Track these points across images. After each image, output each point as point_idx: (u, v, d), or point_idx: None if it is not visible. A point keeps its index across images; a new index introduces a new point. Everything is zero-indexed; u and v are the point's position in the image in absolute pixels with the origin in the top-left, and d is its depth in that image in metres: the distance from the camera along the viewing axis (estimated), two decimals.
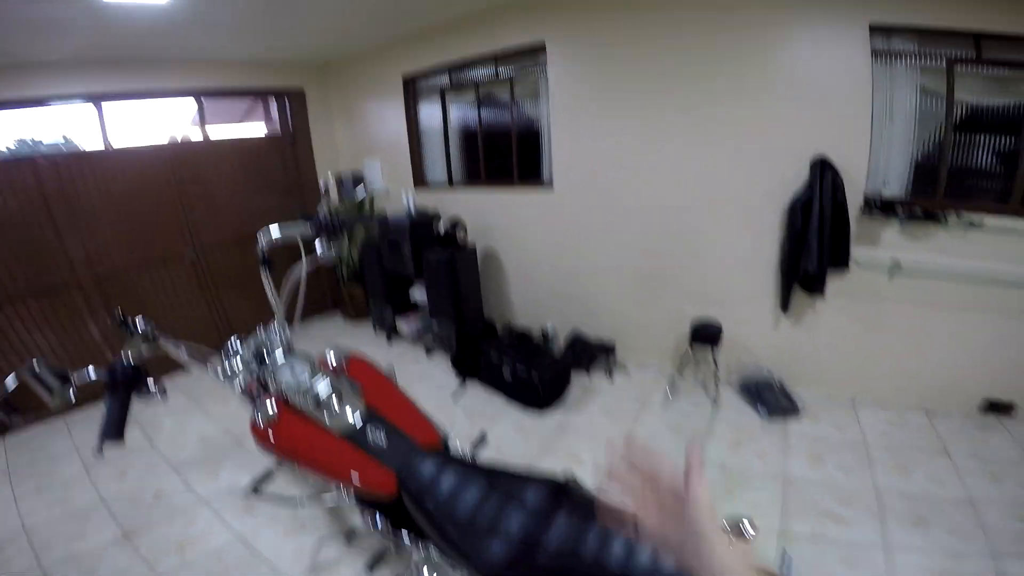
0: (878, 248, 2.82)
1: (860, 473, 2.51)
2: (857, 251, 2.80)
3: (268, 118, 4.96)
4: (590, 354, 3.66)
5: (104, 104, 3.80)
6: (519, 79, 3.71)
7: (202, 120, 4.36)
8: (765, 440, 2.82)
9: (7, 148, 3.48)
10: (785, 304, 3.04)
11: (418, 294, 4.39)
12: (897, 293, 2.85)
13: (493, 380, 3.55)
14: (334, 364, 1.72)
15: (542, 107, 3.70)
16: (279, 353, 1.73)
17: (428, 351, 4.22)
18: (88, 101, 3.73)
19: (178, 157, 4.13)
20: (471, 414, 3.33)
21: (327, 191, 2.67)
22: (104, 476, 2.95)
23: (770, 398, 3.07)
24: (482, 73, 3.90)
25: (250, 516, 2.53)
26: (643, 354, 3.71)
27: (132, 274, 3.98)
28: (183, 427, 3.45)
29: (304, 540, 2.35)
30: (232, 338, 1.89)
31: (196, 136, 4.44)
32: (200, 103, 4.32)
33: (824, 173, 2.69)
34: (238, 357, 1.77)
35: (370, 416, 1.54)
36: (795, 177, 2.83)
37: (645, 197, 3.36)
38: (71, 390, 1.38)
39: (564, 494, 1.29)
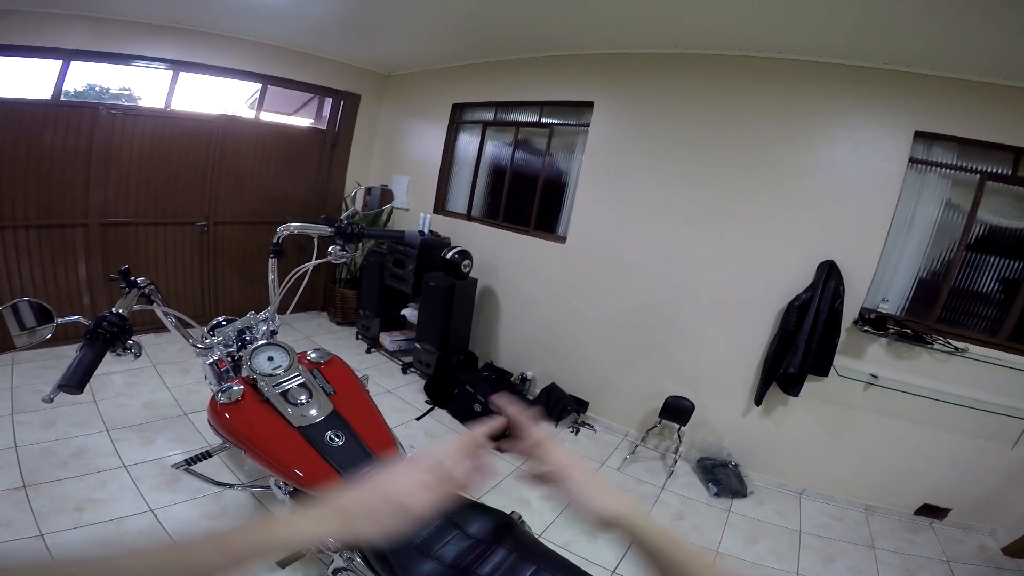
0: (861, 361, 2.83)
1: (788, 558, 2.55)
2: (840, 360, 2.80)
3: (319, 115, 5.09)
4: (562, 406, 3.57)
5: (181, 72, 3.92)
6: (558, 131, 3.82)
7: (260, 105, 4.46)
8: (707, 515, 2.82)
9: (74, 90, 3.55)
10: (760, 398, 3.00)
11: (409, 313, 4.35)
12: (867, 402, 2.86)
13: (461, 411, 3.44)
14: (314, 360, 1.70)
15: (573, 162, 3.79)
16: (261, 339, 1.73)
17: (404, 370, 4.12)
18: (168, 67, 3.84)
19: (222, 130, 4.19)
20: (431, 438, 3.20)
21: (355, 198, 2.70)
22: (29, 422, 2.73)
23: (723, 478, 3.01)
24: (525, 117, 4.03)
25: (170, 491, 2.36)
26: (612, 417, 3.61)
27: (140, 228, 3.94)
28: (132, 388, 3.28)
29: (221, 524, 2.17)
30: (220, 318, 1.90)
31: (246, 116, 4.53)
32: (264, 89, 4.43)
33: (829, 277, 2.71)
34: (221, 333, 1.77)
35: (332, 418, 1.50)
36: (799, 277, 2.86)
37: (650, 270, 3.37)
38: (48, 333, 1.33)
39: (508, 530, 1.27)
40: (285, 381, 1.52)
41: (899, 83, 2.59)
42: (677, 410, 3.11)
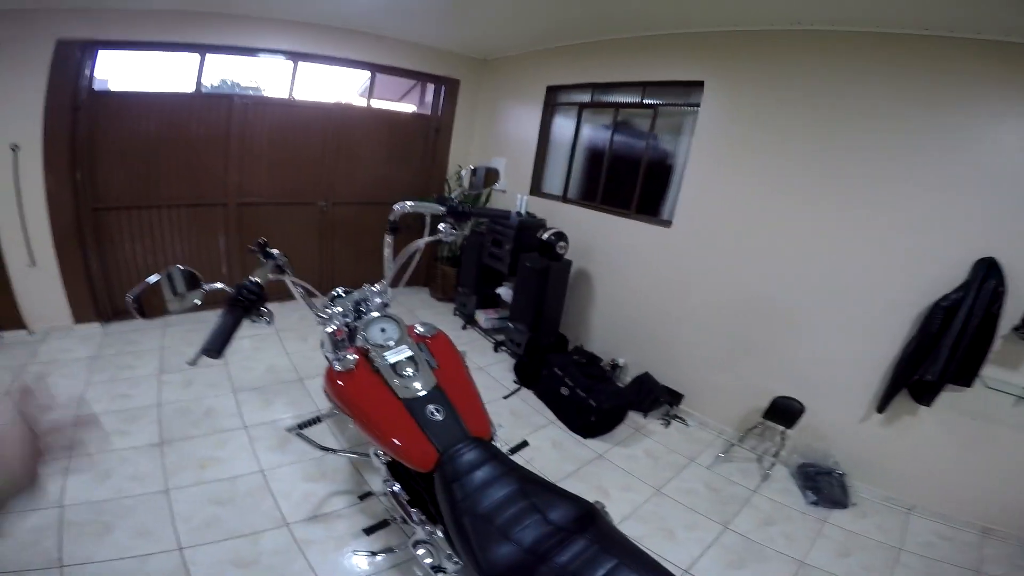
0: (1016, 372, 2.37)
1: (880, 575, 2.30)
2: (989, 370, 2.38)
3: (421, 101, 5.28)
4: (654, 397, 3.42)
5: (299, 63, 4.24)
6: (663, 112, 3.60)
7: (370, 92, 4.71)
8: (800, 524, 2.59)
9: (211, 85, 4.00)
10: (883, 405, 2.64)
11: (504, 292, 4.40)
12: (1016, 419, 2.41)
13: (548, 394, 3.43)
14: (421, 334, 1.74)
15: (680, 144, 3.56)
16: (375, 311, 1.81)
17: (496, 348, 4.20)
18: (288, 58, 4.17)
19: (337, 117, 4.49)
20: (516, 418, 3.23)
21: (462, 178, 2.86)
22: (172, 382, 3.11)
23: (824, 486, 2.73)
24: (625, 98, 3.85)
25: (280, 452, 2.58)
26: (708, 412, 3.40)
27: (269, 208, 4.36)
28: (258, 353, 3.64)
29: (318, 488, 2.36)
30: (339, 288, 2.03)
31: (358, 104, 4.82)
32: (373, 77, 4.67)
33: (988, 277, 2.31)
34: (339, 304, 1.88)
35: (435, 392, 1.53)
36: (947, 275, 2.45)
37: (762, 260, 3.08)
38: (196, 299, 1.48)
39: (590, 520, 1.22)
40: (395, 353, 1.58)
41: None
42: (784, 411, 2.85)
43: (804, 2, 2.52)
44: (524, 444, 2.51)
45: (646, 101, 3.68)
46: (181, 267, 1.50)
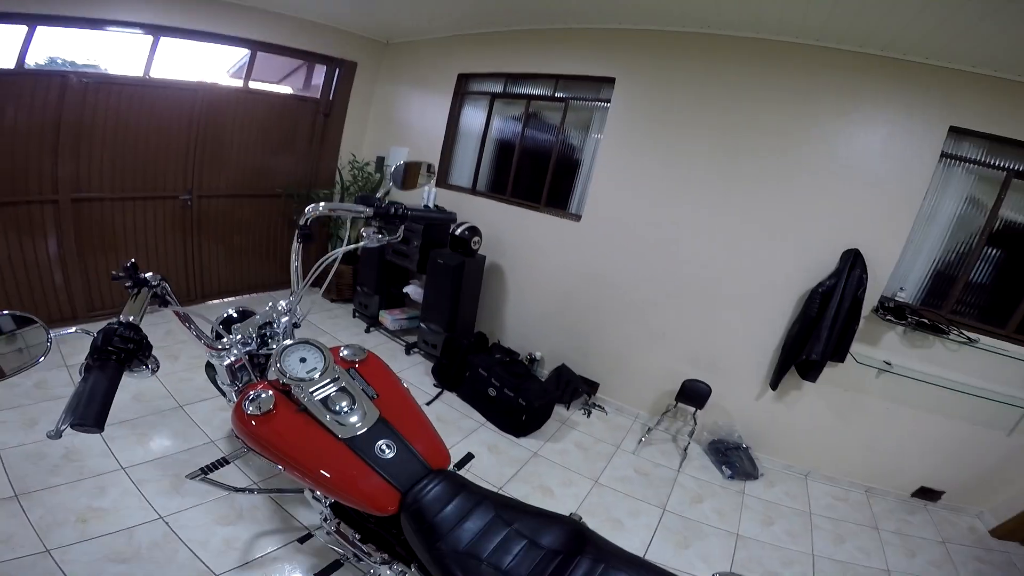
0: (876, 348, 2.86)
1: (802, 539, 2.63)
2: (856, 347, 2.82)
3: (307, 84, 4.70)
4: (573, 388, 3.52)
5: (162, 38, 3.48)
6: (573, 106, 3.62)
7: (248, 72, 4.05)
8: (724, 498, 2.86)
9: (36, 64, 3.11)
10: (776, 382, 3.02)
11: (412, 291, 4.17)
12: (878, 389, 2.92)
13: (474, 396, 3.34)
14: (348, 359, 1.51)
15: (589, 139, 3.62)
16: (285, 335, 1.56)
17: (408, 350, 3.98)
18: (147, 32, 3.39)
19: (205, 99, 3.80)
20: (445, 424, 3.10)
21: (394, 174, 2.49)
22: (9, 422, 2.44)
23: (736, 460, 3.06)
24: (538, 90, 3.81)
25: (176, 495, 2.17)
26: (623, 399, 3.60)
27: (116, 204, 3.57)
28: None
29: (238, 531, 2.05)
30: (230, 310, 1.74)
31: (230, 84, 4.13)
32: (253, 55, 4.01)
33: (854, 265, 2.70)
34: (239, 330, 1.57)
35: (380, 426, 1.33)
36: (821, 265, 2.84)
37: (669, 252, 3.29)
38: (40, 354, 1.07)
39: (584, 538, 1.17)
40: (322, 386, 1.34)
41: (938, 78, 2.53)
42: (694, 393, 3.10)
43: (714, 4, 2.66)
44: (470, 457, 2.40)
45: (558, 94, 3.68)
46: (7, 311, 1.07)
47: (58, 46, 3.18)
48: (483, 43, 3.94)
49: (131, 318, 1.07)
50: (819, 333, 2.75)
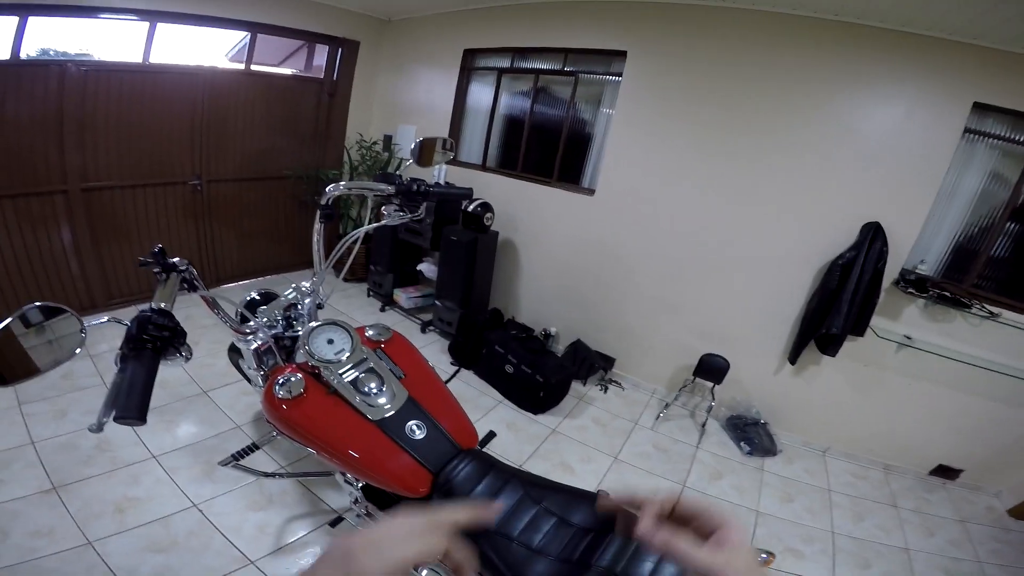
0: (897, 322, 2.83)
1: (821, 516, 2.64)
2: (876, 321, 2.79)
3: (308, 65, 4.58)
4: (589, 363, 3.53)
5: (158, 24, 3.37)
6: (584, 80, 3.51)
7: (250, 55, 3.93)
8: (743, 475, 2.87)
9: (27, 56, 3.02)
10: (795, 357, 3.00)
11: (426, 268, 4.15)
12: (898, 364, 2.89)
13: (491, 373, 3.37)
14: (374, 339, 1.49)
15: (600, 112, 3.53)
16: (310, 317, 1.53)
17: (423, 328, 3.99)
18: (143, 19, 3.28)
19: (207, 83, 3.71)
20: (463, 402, 3.03)
21: (408, 152, 2.43)
22: (39, 414, 2.47)
23: (754, 436, 3.06)
24: (546, 65, 3.69)
25: (208, 482, 2.21)
26: (640, 374, 3.61)
27: (126, 192, 3.54)
28: None
29: (271, 516, 2.09)
30: (253, 292, 1.71)
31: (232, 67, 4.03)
32: (253, 38, 3.89)
33: (875, 238, 2.64)
34: (264, 313, 1.54)
35: (409, 406, 1.32)
36: (840, 237, 2.78)
37: (682, 226, 3.24)
38: (76, 345, 1.06)
39: (613, 515, 1.16)
40: (352, 368, 1.32)
41: (962, 54, 2.45)
42: (712, 368, 3.10)
43: None
44: (492, 435, 2.43)
45: (567, 68, 3.56)
46: (39, 303, 1.05)
47: (52, 37, 3.08)
48: (489, 18, 3.80)
49: (163, 304, 1.04)
50: (839, 306, 2.72)
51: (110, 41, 3.32)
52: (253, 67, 4.01)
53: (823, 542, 2.45)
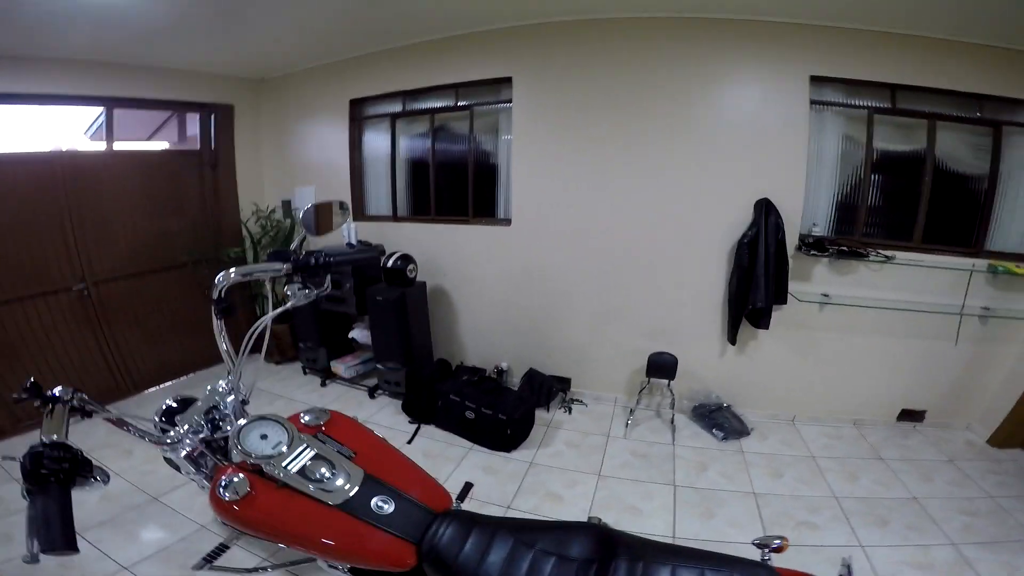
0: (811, 283, 3.07)
1: (817, 483, 2.67)
2: (793, 286, 3.02)
3: (182, 136, 4.25)
4: (547, 389, 3.51)
5: None
6: (478, 112, 3.54)
7: (109, 134, 3.56)
8: (726, 461, 2.90)
9: None
10: (733, 337, 3.17)
11: (359, 335, 3.95)
12: (826, 322, 3.12)
13: (452, 422, 3.24)
14: (312, 424, 1.42)
15: (501, 141, 3.57)
16: (236, 414, 1.43)
17: (371, 394, 3.78)
18: None
19: (68, 169, 3.31)
20: (432, 459, 2.98)
21: (299, 221, 2.28)
22: None
23: (723, 421, 3.16)
24: (439, 103, 3.68)
25: None
26: (598, 387, 3.64)
27: (1, 309, 3.09)
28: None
29: None
30: (168, 400, 1.56)
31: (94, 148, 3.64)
32: (110, 113, 3.54)
33: (768, 213, 2.88)
34: (184, 420, 1.42)
35: (370, 482, 1.28)
36: (740, 217, 3.00)
37: (600, 235, 3.34)
38: None
39: (613, 539, 1.17)
40: (294, 458, 1.26)
41: (791, 34, 2.79)
42: (662, 366, 3.19)
43: None
44: (469, 486, 2.33)
45: (460, 103, 3.59)
46: None
47: None
48: (371, 64, 3.74)
49: (54, 437, 0.98)
50: (756, 281, 2.92)
51: None
52: (117, 145, 3.64)
53: (831, 509, 2.45)
